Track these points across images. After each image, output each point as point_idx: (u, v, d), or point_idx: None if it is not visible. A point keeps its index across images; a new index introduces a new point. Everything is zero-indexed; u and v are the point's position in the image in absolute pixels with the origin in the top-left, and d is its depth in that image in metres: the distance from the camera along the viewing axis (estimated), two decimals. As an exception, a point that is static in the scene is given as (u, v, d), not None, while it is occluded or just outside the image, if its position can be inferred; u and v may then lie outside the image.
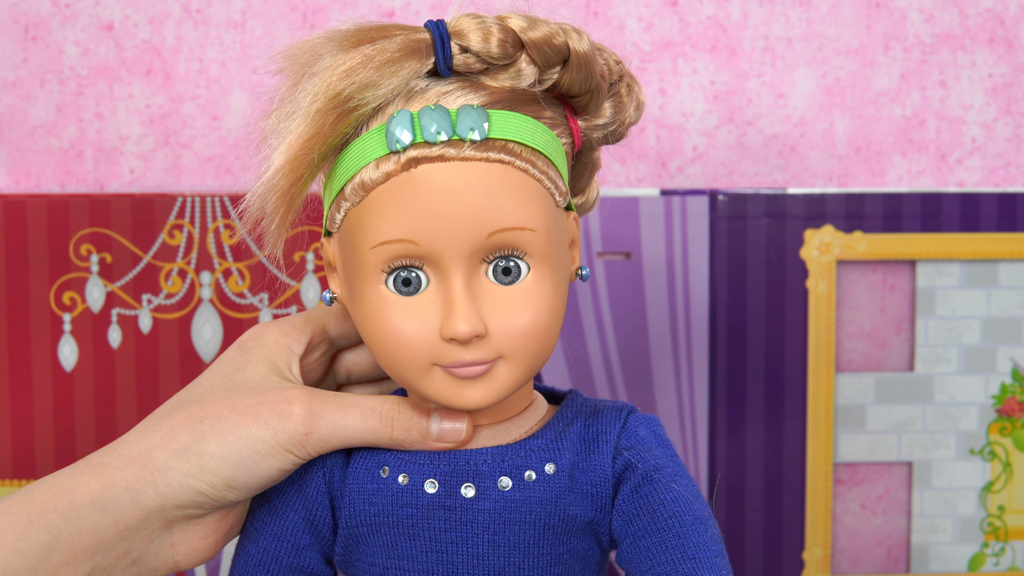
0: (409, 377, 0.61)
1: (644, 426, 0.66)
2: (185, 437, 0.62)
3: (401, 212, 0.59)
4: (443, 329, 0.60)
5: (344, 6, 0.99)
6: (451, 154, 0.59)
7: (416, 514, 0.63)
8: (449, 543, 0.63)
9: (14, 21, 0.98)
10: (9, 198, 0.95)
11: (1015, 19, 1.00)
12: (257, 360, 0.66)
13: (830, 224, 0.96)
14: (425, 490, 0.63)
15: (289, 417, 0.62)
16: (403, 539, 0.64)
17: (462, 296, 0.60)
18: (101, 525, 0.62)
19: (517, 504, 0.63)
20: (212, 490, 0.62)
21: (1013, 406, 0.98)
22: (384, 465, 0.64)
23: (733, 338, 0.96)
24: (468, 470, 0.63)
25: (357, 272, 0.61)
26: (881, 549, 1.00)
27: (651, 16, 1.00)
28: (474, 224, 0.59)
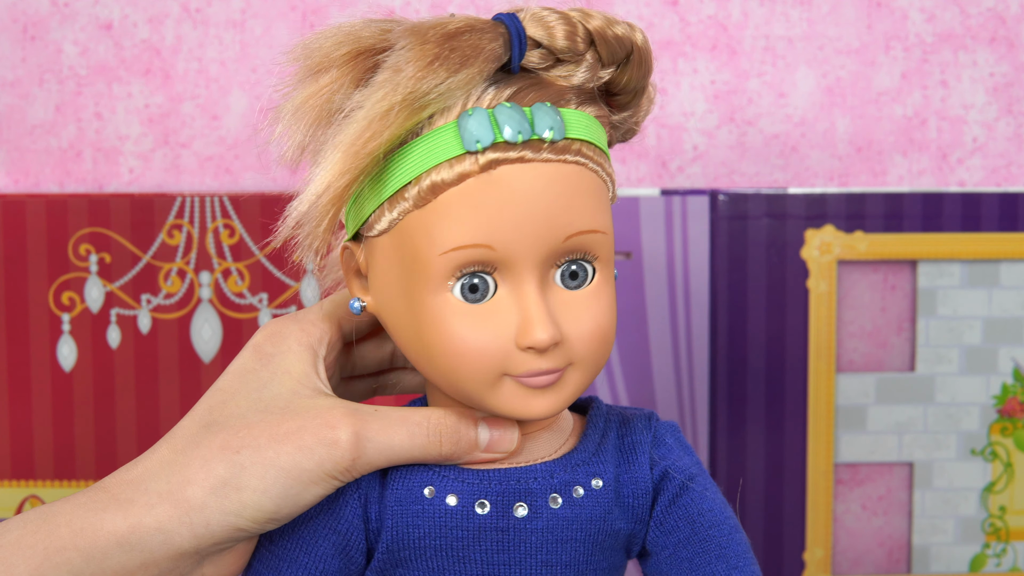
0: (474, 389, 0.58)
1: (669, 433, 0.64)
2: (222, 470, 0.57)
3: (477, 216, 0.56)
4: (520, 338, 0.56)
5: (344, 6, 0.98)
6: (530, 156, 0.56)
7: (467, 536, 0.60)
8: (502, 565, 0.60)
9: (13, 20, 0.98)
10: (8, 198, 0.95)
11: (1016, 18, 1.00)
12: (282, 372, 0.61)
13: (831, 224, 0.96)
14: (476, 511, 0.60)
15: (335, 444, 0.57)
16: (451, 563, 0.60)
17: (538, 303, 0.57)
18: (128, 566, 0.56)
19: (568, 522, 0.60)
20: (254, 525, 0.57)
21: (1014, 406, 0.98)
22: (428, 485, 0.60)
23: (733, 338, 0.96)
24: (520, 489, 0.60)
25: (417, 279, 0.57)
26: (882, 550, 1.00)
27: (651, 15, 0.99)
28: (552, 228, 0.56)
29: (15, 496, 0.96)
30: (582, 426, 0.64)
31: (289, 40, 0.98)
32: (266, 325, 0.63)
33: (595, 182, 0.58)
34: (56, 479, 0.96)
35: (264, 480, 0.57)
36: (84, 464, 0.95)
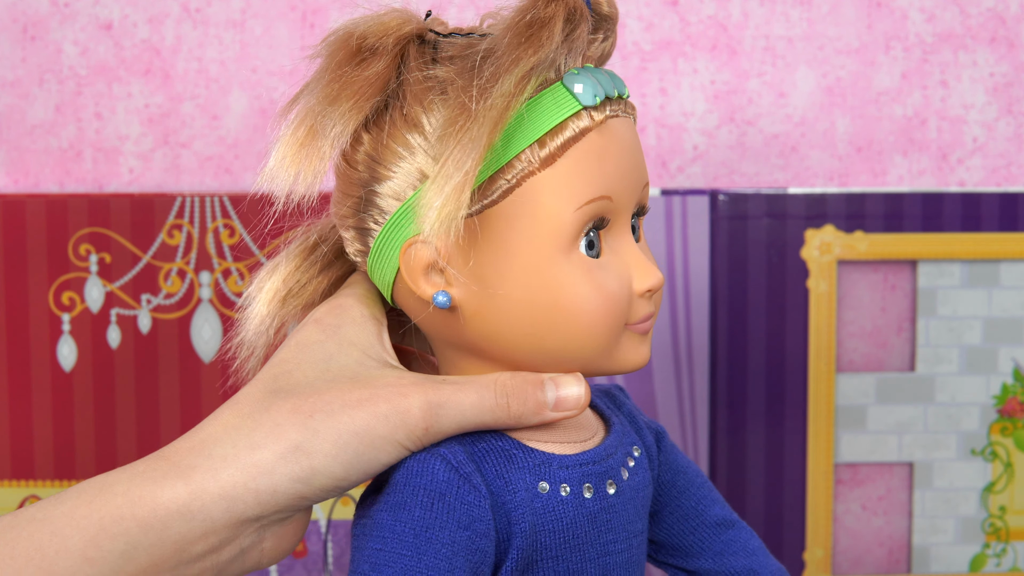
0: (604, 344, 0.59)
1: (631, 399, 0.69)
2: (295, 434, 0.55)
3: (601, 168, 0.58)
4: (640, 282, 0.59)
5: (344, 6, 0.98)
6: (621, 110, 0.60)
7: (584, 522, 0.60)
8: (609, 543, 0.61)
9: (13, 20, 0.98)
10: (8, 198, 0.95)
11: (1016, 18, 1.00)
12: (347, 344, 0.59)
13: (831, 224, 0.96)
14: (585, 496, 0.60)
15: (408, 412, 0.56)
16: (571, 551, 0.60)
17: (641, 248, 0.61)
18: (187, 536, 0.55)
19: (636, 491, 0.62)
20: (320, 493, 0.56)
21: (1014, 406, 0.98)
22: (540, 481, 0.59)
23: (733, 338, 0.96)
24: (605, 468, 0.61)
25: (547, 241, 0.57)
26: (882, 550, 1.00)
27: (651, 16, 0.99)
28: (640, 175, 0.60)
29: (15, 496, 0.96)
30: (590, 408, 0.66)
31: (290, 41, 0.99)
32: (326, 301, 0.62)
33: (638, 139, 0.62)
34: (56, 479, 0.96)
35: (337, 445, 0.55)
36: (84, 464, 0.95)
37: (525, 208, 0.57)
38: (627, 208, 0.59)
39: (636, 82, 0.99)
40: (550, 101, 0.58)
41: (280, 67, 0.99)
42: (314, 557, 0.96)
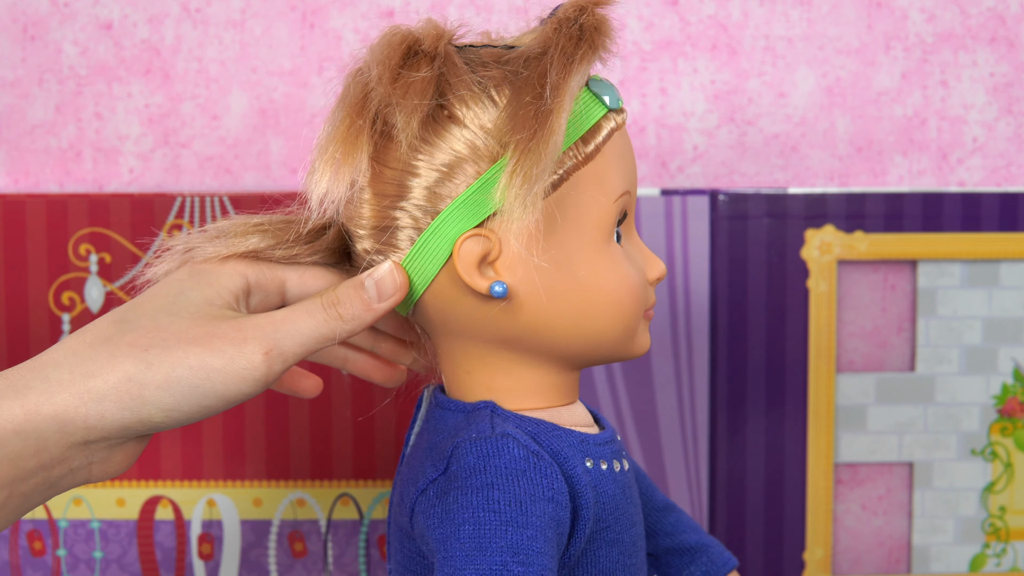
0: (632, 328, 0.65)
1: None
2: (129, 366, 0.58)
3: (624, 165, 0.64)
4: (652, 271, 0.66)
5: (344, 6, 0.98)
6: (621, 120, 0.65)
7: (622, 493, 0.65)
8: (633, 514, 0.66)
9: (12, 20, 0.98)
10: (8, 198, 0.95)
11: (1016, 18, 1.00)
12: (203, 283, 0.62)
13: (831, 224, 0.96)
14: (615, 471, 0.66)
15: (244, 343, 0.60)
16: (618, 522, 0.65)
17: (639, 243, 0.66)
18: (22, 454, 0.57)
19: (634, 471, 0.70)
20: (149, 423, 0.59)
21: (1014, 406, 0.98)
22: (587, 457, 0.64)
23: (733, 338, 0.96)
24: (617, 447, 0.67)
25: (591, 230, 0.63)
26: (882, 550, 1.00)
27: (651, 16, 0.99)
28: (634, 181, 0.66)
29: (15, 496, 0.96)
30: None
31: (289, 41, 0.99)
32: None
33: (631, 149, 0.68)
34: (56, 479, 0.96)
35: (169, 376, 0.58)
36: (84, 464, 0.95)
37: (573, 199, 0.62)
38: (634, 204, 0.65)
39: (636, 82, 0.99)
40: (586, 103, 0.63)
41: (280, 67, 0.99)
42: (314, 557, 0.96)
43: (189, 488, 0.96)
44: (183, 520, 0.96)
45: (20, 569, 0.96)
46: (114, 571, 0.96)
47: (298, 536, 0.96)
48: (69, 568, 0.96)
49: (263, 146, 0.99)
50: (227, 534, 0.96)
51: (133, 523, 0.96)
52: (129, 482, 0.96)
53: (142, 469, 0.95)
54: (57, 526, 0.96)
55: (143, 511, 0.96)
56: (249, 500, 0.96)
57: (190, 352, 0.59)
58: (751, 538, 0.97)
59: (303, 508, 0.96)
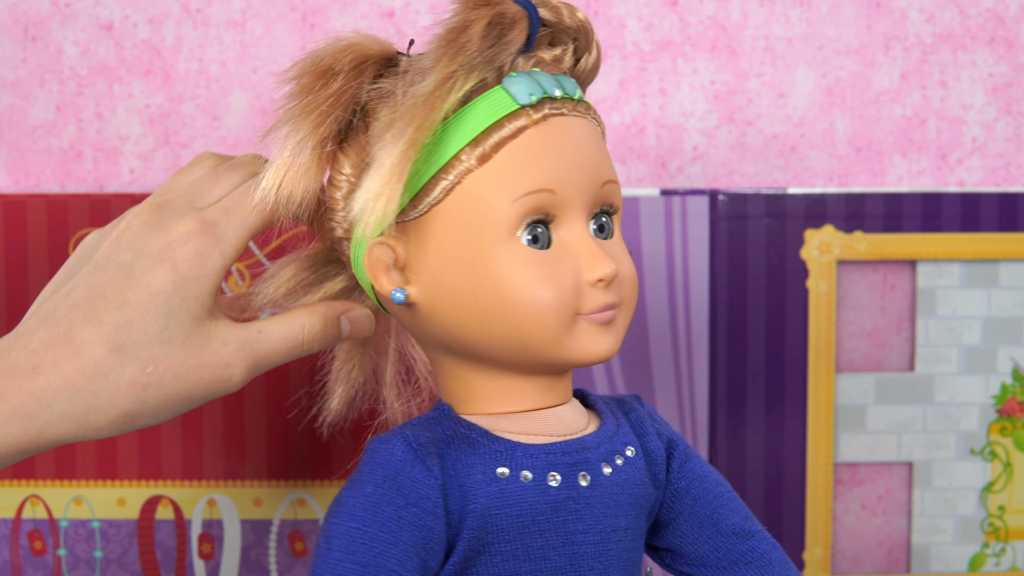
0: (552, 335, 0.61)
1: (655, 410, 0.70)
2: (127, 405, 0.63)
3: (541, 162, 0.61)
4: (589, 272, 0.61)
5: (344, 6, 0.99)
6: (569, 110, 0.63)
7: (546, 509, 0.62)
8: (577, 533, 0.62)
9: (14, 21, 0.98)
10: (9, 198, 0.95)
11: (1015, 19, 1.00)
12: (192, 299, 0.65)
13: (830, 224, 0.96)
14: (549, 484, 0.62)
15: (229, 380, 0.65)
16: (533, 538, 0.62)
17: (593, 240, 0.62)
18: None
19: (620, 488, 0.64)
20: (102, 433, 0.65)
21: (1013, 406, 0.98)
22: (501, 466, 0.62)
23: (733, 338, 0.96)
24: (580, 459, 0.63)
25: (486, 235, 0.61)
26: (881, 549, 1.00)
27: (651, 16, 1.00)
28: (595, 172, 0.63)
29: (15, 496, 0.96)
30: (588, 409, 0.68)
31: (290, 41, 0.99)
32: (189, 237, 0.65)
33: (602, 138, 0.65)
34: (56, 478, 0.96)
35: (161, 410, 0.64)
36: (84, 463, 0.95)
37: (466, 203, 0.61)
38: (576, 202, 0.62)
39: (636, 82, 0.99)
40: (486, 103, 0.62)
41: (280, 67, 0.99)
42: (314, 557, 0.96)
43: (189, 488, 0.96)
44: (183, 520, 0.96)
45: (21, 568, 0.96)
46: (115, 571, 0.96)
47: (298, 536, 0.96)
48: (70, 568, 0.96)
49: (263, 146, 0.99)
50: (227, 534, 0.96)
51: (134, 523, 0.96)
52: (130, 482, 0.96)
53: (143, 469, 0.96)
54: (58, 525, 0.96)
55: (143, 511, 0.96)
56: (249, 500, 0.96)
57: (182, 388, 0.64)
58: (751, 538, 0.97)
59: (303, 508, 0.96)
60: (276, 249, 0.95)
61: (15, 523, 0.96)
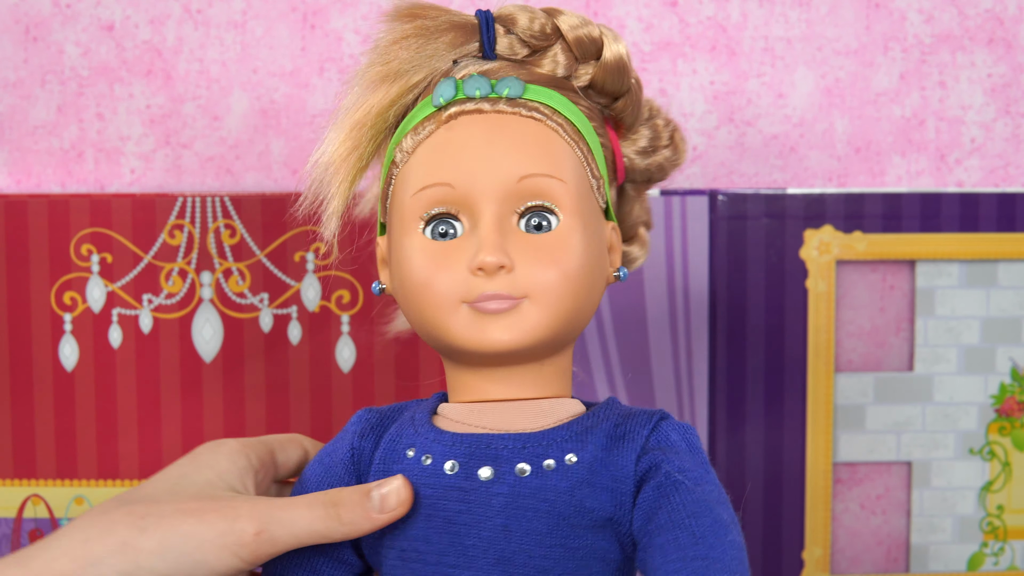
0: (437, 317, 0.63)
1: (677, 431, 0.65)
2: (124, 531, 0.61)
3: (439, 158, 0.64)
4: (470, 261, 0.63)
5: (344, 6, 0.99)
6: (487, 108, 0.65)
7: (434, 494, 0.63)
8: (463, 524, 0.63)
9: (15, 21, 0.98)
10: (10, 198, 0.95)
11: (1014, 19, 1.00)
12: (205, 467, 0.65)
13: (829, 224, 0.96)
14: (444, 470, 0.63)
15: (236, 521, 0.61)
16: (421, 520, 0.63)
17: (491, 232, 0.63)
18: None
19: (533, 491, 0.62)
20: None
21: (1012, 406, 0.99)
22: (411, 447, 0.65)
23: (733, 338, 0.96)
24: (487, 453, 0.63)
25: (398, 226, 0.65)
26: (880, 549, 1.00)
27: (651, 16, 1.00)
28: (506, 167, 0.63)
29: (17, 495, 0.96)
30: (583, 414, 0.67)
31: (290, 41, 0.99)
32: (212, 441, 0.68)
33: (555, 139, 0.65)
34: (58, 478, 0.96)
35: (162, 543, 0.60)
36: (86, 463, 0.96)
37: (395, 199, 0.66)
38: (482, 197, 0.63)
39: (635, 83, 1.00)
40: (419, 107, 0.66)
41: (281, 68, 0.99)
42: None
43: (190, 487, 0.96)
44: (184, 519, 0.96)
45: (22, 568, 0.96)
46: (115, 570, 0.97)
47: (299, 535, 0.96)
48: (71, 567, 0.97)
49: (264, 147, 0.99)
50: (228, 533, 0.97)
51: (134, 522, 0.96)
52: (131, 481, 0.96)
53: (144, 468, 0.96)
54: (59, 525, 0.96)
55: (144, 510, 0.96)
56: (250, 499, 0.96)
57: (184, 521, 0.61)
58: (750, 537, 0.97)
59: (304, 507, 0.96)
60: (276, 249, 0.95)
61: (16, 522, 0.96)
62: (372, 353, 0.95)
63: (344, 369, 0.95)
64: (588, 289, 0.65)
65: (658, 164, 0.75)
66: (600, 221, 0.67)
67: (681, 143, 0.77)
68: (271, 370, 0.95)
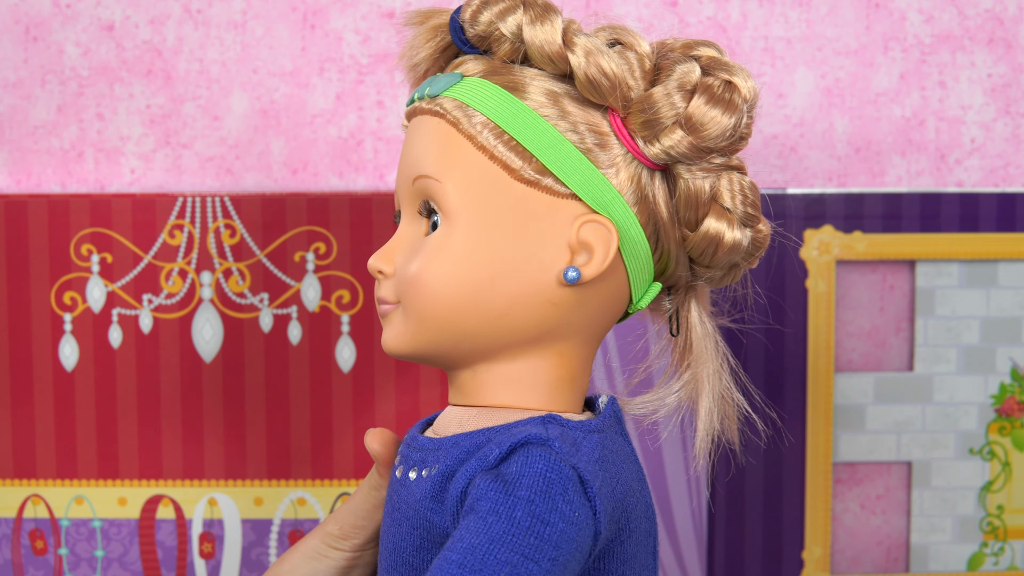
0: None
1: (523, 462, 0.58)
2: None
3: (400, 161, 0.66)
4: None
5: (344, 6, 0.99)
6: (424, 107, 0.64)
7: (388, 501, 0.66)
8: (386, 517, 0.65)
9: (15, 22, 0.98)
10: (10, 198, 0.95)
11: (1014, 19, 1.00)
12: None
13: (829, 224, 0.96)
14: (395, 473, 0.66)
15: None
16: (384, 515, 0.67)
17: (397, 235, 0.64)
18: None
19: (403, 497, 0.64)
20: None
21: (1012, 406, 0.99)
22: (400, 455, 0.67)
23: (733, 338, 0.96)
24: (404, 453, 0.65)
25: None
26: (880, 549, 1.00)
27: (651, 16, 1.00)
28: (408, 170, 0.64)
29: (17, 495, 0.96)
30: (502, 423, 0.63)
31: (290, 41, 0.99)
32: None
33: (452, 134, 0.62)
34: (58, 478, 0.96)
35: None
36: (86, 463, 0.96)
37: None
38: (403, 198, 0.64)
39: (635, 83, 1.00)
40: None
41: (281, 68, 0.99)
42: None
43: (190, 487, 0.96)
44: (184, 519, 0.96)
45: (22, 568, 0.96)
46: (115, 570, 0.96)
47: (299, 535, 0.96)
48: (71, 567, 0.97)
49: (264, 147, 0.99)
50: (228, 533, 0.97)
51: (135, 522, 0.96)
52: (131, 481, 0.96)
53: (144, 468, 0.96)
54: (59, 525, 0.96)
55: (144, 510, 0.96)
56: (250, 499, 0.96)
57: None
58: (750, 537, 0.97)
59: (304, 507, 0.96)
60: (276, 249, 0.95)
61: (16, 522, 0.96)
62: (372, 353, 0.95)
63: (344, 369, 0.95)
64: (473, 296, 0.61)
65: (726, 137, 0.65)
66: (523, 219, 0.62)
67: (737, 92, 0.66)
68: (271, 370, 0.95)
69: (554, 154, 0.62)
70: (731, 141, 0.65)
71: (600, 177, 0.62)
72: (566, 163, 0.62)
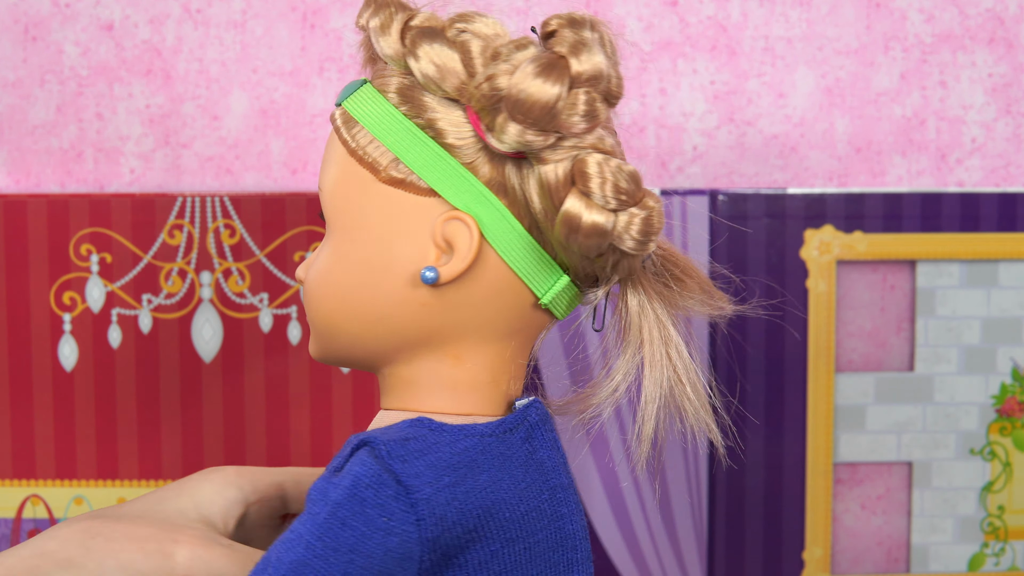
0: None
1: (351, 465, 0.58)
2: (74, 548, 0.61)
3: None
4: None
5: (344, 6, 0.99)
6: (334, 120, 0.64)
7: None
8: None
9: (14, 21, 0.98)
10: (9, 198, 0.95)
11: (1015, 19, 1.00)
12: (186, 493, 0.65)
13: (830, 224, 0.96)
14: None
15: (171, 556, 0.61)
16: None
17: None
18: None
19: None
20: None
21: (1013, 406, 0.98)
22: None
23: (733, 338, 0.96)
24: None
25: None
26: (881, 549, 1.00)
27: (651, 16, 1.00)
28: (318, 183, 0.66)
29: (16, 495, 0.96)
30: None
31: (290, 41, 0.99)
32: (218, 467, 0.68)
33: (333, 141, 0.63)
34: (57, 478, 0.96)
35: (101, 566, 0.61)
36: (85, 463, 0.96)
37: None
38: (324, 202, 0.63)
39: (636, 82, 0.99)
40: None
41: (281, 68, 0.99)
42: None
43: (190, 487, 0.96)
44: (184, 519, 0.96)
45: (21, 568, 0.96)
46: (115, 570, 0.97)
47: (299, 535, 0.96)
48: (70, 567, 0.96)
49: (264, 146, 0.99)
50: (228, 533, 0.97)
51: (134, 522, 0.96)
52: (130, 481, 0.96)
53: (143, 468, 0.96)
54: (58, 525, 0.96)
55: (144, 510, 0.96)
56: (250, 499, 0.96)
57: (126, 547, 0.61)
58: (750, 537, 0.97)
59: (304, 507, 0.96)
60: (276, 249, 0.95)
61: (15, 523, 0.96)
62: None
63: (344, 369, 0.95)
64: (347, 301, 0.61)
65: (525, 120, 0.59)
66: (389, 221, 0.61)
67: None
68: (271, 370, 0.95)
69: (414, 152, 0.61)
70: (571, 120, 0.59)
71: (461, 173, 0.60)
72: (425, 161, 0.60)
